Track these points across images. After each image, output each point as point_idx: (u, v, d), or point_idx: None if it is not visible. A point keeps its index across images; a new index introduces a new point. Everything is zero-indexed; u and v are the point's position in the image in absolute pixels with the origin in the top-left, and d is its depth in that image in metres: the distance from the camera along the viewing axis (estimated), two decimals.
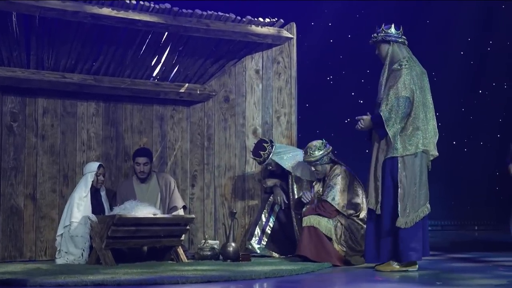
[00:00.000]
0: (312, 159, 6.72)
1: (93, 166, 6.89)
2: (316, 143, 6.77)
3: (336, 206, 6.56)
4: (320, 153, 6.71)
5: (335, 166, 6.78)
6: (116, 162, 7.56)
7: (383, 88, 5.99)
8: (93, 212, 6.64)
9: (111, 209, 6.87)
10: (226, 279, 5.36)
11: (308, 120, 10.91)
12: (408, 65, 5.96)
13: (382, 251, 5.90)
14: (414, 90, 5.87)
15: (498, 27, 12.90)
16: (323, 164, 6.74)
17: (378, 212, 5.89)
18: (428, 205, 5.91)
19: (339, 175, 6.69)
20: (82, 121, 7.42)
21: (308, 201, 6.77)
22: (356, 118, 6.09)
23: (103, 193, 7.00)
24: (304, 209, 6.77)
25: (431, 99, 6.05)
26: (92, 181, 6.81)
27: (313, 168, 6.80)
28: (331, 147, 6.79)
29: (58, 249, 6.66)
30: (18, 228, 7.05)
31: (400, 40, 6.06)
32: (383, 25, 6.08)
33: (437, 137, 6.03)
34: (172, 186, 7.19)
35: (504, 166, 7.42)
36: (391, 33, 6.05)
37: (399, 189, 5.80)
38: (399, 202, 5.78)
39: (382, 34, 6.06)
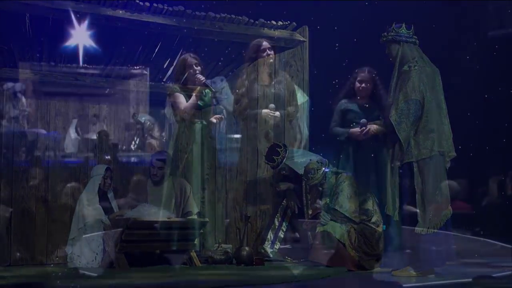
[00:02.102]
0: (317, 181, 6.64)
1: (101, 169, 6.86)
2: (312, 165, 6.66)
3: (346, 213, 6.51)
4: (321, 172, 6.62)
5: (339, 175, 6.73)
6: (128, 165, 7.51)
7: (393, 91, 5.94)
8: None
9: (118, 209, 6.86)
10: (244, 284, 5.33)
11: (313, 124, 10.85)
12: (418, 66, 5.88)
13: (402, 258, 5.86)
14: (424, 92, 5.80)
15: (504, 32, 12.88)
16: (329, 179, 6.67)
17: (396, 218, 5.84)
18: (450, 208, 5.86)
19: (344, 181, 6.64)
20: (94, 123, 7.37)
21: (327, 223, 6.56)
22: (369, 123, 6.05)
23: (110, 195, 6.97)
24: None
25: (444, 98, 5.99)
26: (100, 184, 6.77)
27: (320, 189, 6.72)
28: (326, 160, 6.72)
29: (69, 252, 6.61)
30: (30, 232, 6.99)
31: (411, 40, 5.98)
32: (393, 24, 6.01)
33: (451, 137, 5.98)
34: (188, 192, 7.15)
35: None
36: (402, 33, 5.98)
37: (416, 194, 5.75)
38: (417, 208, 5.73)
39: (392, 34, 5.99)
